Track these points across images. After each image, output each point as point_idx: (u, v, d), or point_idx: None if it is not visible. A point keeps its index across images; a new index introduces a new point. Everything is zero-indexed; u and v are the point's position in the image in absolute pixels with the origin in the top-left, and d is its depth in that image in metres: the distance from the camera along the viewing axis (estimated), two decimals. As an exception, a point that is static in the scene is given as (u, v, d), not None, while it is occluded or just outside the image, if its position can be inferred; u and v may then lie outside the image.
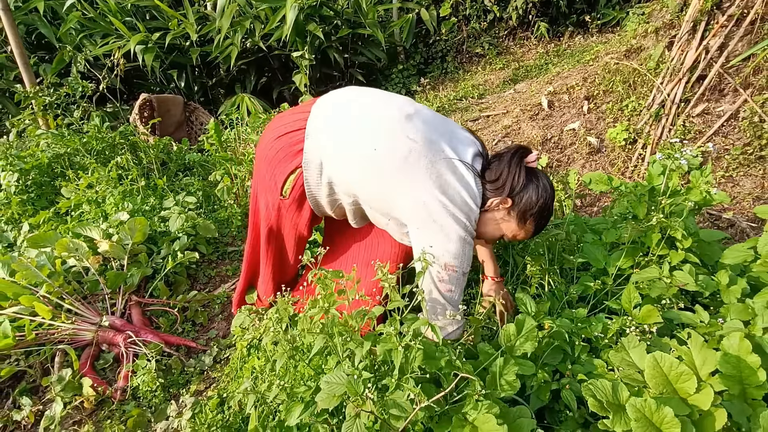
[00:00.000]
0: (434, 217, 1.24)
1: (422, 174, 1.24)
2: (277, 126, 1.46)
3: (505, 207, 1.35)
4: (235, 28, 4.18)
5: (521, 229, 1.39)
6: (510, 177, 1.32)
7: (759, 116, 3.06)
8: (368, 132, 1.30)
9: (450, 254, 1.25)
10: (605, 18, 5.29)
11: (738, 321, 1.25)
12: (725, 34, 3.30)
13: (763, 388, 1.09)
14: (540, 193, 1.33)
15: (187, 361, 1.84)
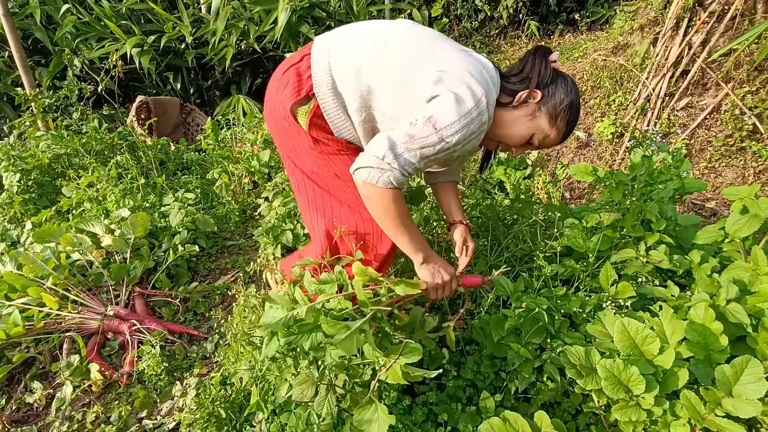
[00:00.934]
0: (448, 84, 1.13)
1: (440, 50, 1.19)
2: (281, 66, 1.39)
3: (535, 101, 1.25)
4: (230, 30, 4.26)
5: (552, 128, 1.26)
6: (536, 69, 1.24)
7: (740, 109, 3.17)
8: (378, 29, 1.27)
9: (445, 114, 1.10)
10: (594, 16, 5.39)
11: (705, 294, 1.34)
12: (707, 30, 3.41)
13: (725, 353, 1.18)
14: (569, 89, 1.25)
15: (189, 348, 1.92)
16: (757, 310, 1.29)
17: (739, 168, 3.11)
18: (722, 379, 0.99)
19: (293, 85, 1.30)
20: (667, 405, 1.05)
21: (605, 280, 1.48)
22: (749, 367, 0.98)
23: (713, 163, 3.18)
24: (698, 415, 1.02)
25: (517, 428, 1.04)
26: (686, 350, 1.19)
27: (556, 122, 1.26)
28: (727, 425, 0.98)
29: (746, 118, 3.12)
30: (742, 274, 1.40)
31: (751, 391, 0.96)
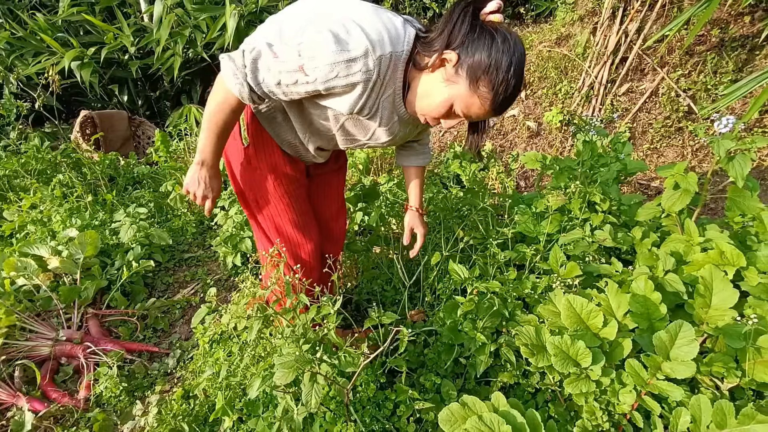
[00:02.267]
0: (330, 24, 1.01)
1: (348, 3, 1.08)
2: None
3: (451, 63, 1.05)
4: (176, 38, 4.16)
5: (473, 95, 1.05)
6: (449, 26, 1.04)
7: (675, 91, 3.34)
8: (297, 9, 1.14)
9: (316, 47, 0.99)
10: (538, 9, 5.55)
11: (645, 267, 1.41)
12: (641, 18, 3.58)
13: (665, 321, 1.25)
14: (496, 47, 1.00)
15: (150, 366, 1.87)
16: (693, 278, 1.38)
17: (678, 147, 3.28)
18: (660, 344, 1.05)
19: None
20: (614, 374, 1.11)
21: (555, 262, 1.54)
22: (682, 331, 1.05)
23: (655, 144, 3.34)
24: (642, 381, 1.07)
25: (476, 411, 1.07)
26: (631, 321, 1.26)
27: (477, 87, 1.04)
28: (668, 387, 1.04)
29: (681, 100, 3.30)
30: (678, 246, 1.49)
31: (685, 353, 1.02)
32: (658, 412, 1.07)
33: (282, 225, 1.44)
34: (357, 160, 2.69)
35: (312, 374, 1.16)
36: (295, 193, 1.41)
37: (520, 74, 1.03)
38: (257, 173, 1.34)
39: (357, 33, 0.99)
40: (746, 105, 3.06)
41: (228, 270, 2.39)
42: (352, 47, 0.99)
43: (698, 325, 1.27)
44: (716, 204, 2.84)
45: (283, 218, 1.42)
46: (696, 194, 1.55)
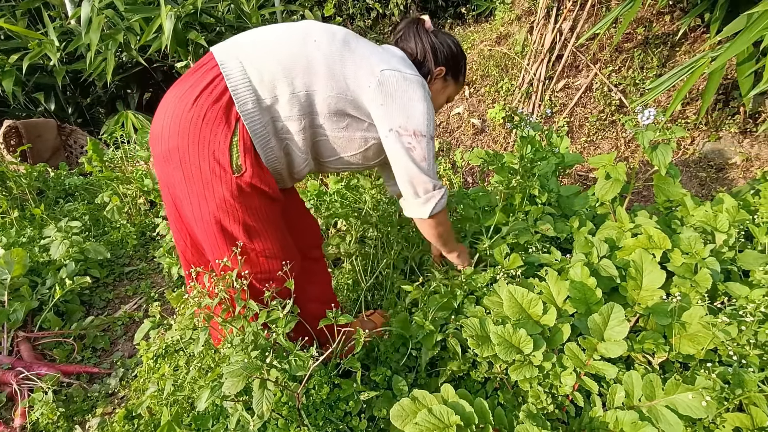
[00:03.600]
0: (395, 85, 1.18)
1: (367, 49, 1.21)
2: (184, 91, 1.11)
3: (441, 76, 1.40)
4: (107, 41, 3.95)
5: (458, 85, 1.48)
6: (428, 47, 1.35)
7: (607, 86, 3.52)
8: (297, 31, 1.17)
9: (418, 118, 1.21)
10: (479, 9, 5.70)
11: (581, 254, 1.48)
12: (573, 17, 3.76)
13: (600, 304, 1.32)
14: (454, 43, 1.40)
15: (90, 388, 1.76)
16: (625, 262, 1.46)
17: (612, 139, 3.46)
18: (594, 327, 1.11)
19: (216, 116, 1.08)
20: (555, 358, 1.16)
21: (499, 254, 1.58)
22: (614, 313, 1.11)
23: (591, 137, 3.51)
24: (581, 363, 1.13)
25: (426, 404, 1.08)
26: (570, 306, 1.31)
27: (459, 77, 1.45)
28: (603, 367, 1.09)
29: (613, 95, 3.49)
30: (611, 233, 1.57)
31: (617, 333, 1.08)
32: (596, 390, 1.12)
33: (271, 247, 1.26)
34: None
35: (261, 381, 1.13)
36: (277, 216, 1.27)
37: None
38: (247, 201, 1.16)
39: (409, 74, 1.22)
40: (670, 97, 3.28)
41: (173, 281, 2.30)
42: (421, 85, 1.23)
43: (631, 306, 1.35)
44: (648, 191, 3.02)
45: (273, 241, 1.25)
46: (626, 183, 1.64)
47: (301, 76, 1.12)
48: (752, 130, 2.71)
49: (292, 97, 1.12)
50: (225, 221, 1.15)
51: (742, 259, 1.38)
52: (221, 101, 1.09)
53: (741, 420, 1.07)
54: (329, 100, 1.15)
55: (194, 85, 1.10)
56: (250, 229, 1.19)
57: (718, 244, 1.44)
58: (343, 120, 1.20)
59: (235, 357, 1.14)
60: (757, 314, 1.16)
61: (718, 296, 1.34)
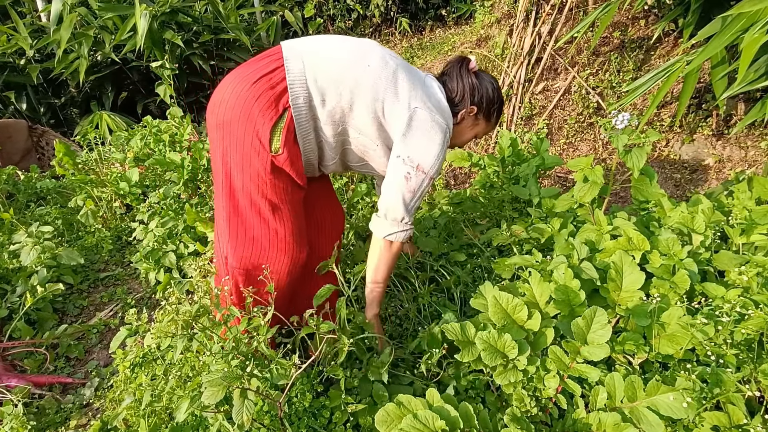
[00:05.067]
0: (422, 124, 1.30)
1: (410, 84, 1.31)
2: (247, 73, 1.27)
3: (472, 114, 1.49)
4: (80, 40, 3.84)
5: (489, 124, 1.55)
6: (468, 88, 1.45)
7: (585, 89, 3.58)
8: (357, 51, 1.31)
9: (427, 157, 1.31)
10: (459, 11, 5.74)
11: (563, 256, 1.49)
12: (551, 21, 3.81)
13: (584, 306, 1.33)
14: (492, 87, 1.49)
15: (64, 399, 1.70)
16: (605, 264, 1.47)
17: (591, 141, 3.52)
18: (577, 330, 1.12)
19: (269, 100, 1.23)
20: (539, 362, 1.16)
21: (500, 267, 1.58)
22: (597, 317, 1.12)
23: (570, 139, 3.56)
24: (564, 366, 1.13)
25: (411, 409, 1.07)
26: (554, 308, 1.32)
27: (491, 119, 1.54)
28: (586, 369, 1.10)
29: (591, 97, 3.54)
30: (591, 235, 1.59)
31: (600, 336, 1.09)
32: (579, 393, 1.13)
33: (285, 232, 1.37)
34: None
35: (242, 390, 1.11)
36: (299, 203, 1.42)
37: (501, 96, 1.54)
38: (276, 180, 1.30)
39: (438, 118, 1.32)
40: (647, 100, 3.35)
41: (151, 287, 2.24)
42: (442, 133, 1.33)
43: (612, 307, 1.36)
44: (625, 192, 3.08)
45: (286, 225, 1.37)
46: (604, 185, 1.67)
47: (348, 91, 1.27)
48: (725, 132, 2.78)
49: (335, 106, 1.28)
50: (254, 194, 1.30)
51: (717, 259, 1.41)
52: (276, 89, 1.24)
53: (719, 419, 1.09)
54: (364, 119, 1.31)
55: (257, 70, 1.26)
56: (275, 207, 1.33)
57: (695, 245, 1.47)
58: (372, 138, 1.35)
59: (215, 366, 1.11)
60: (733, 314, 1.18)
61: (695, 297, 1.37)
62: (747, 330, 1.15)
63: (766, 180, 1.49)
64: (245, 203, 1.31)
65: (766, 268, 1.26)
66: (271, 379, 1.10)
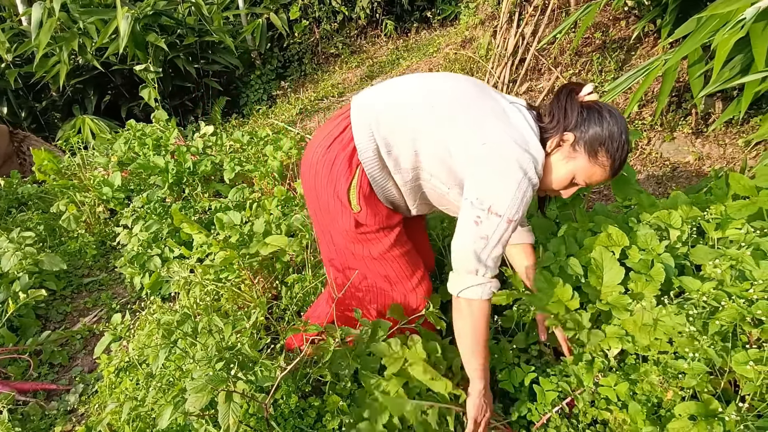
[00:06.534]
0: (492, 159, 1.13)
1: (479, 117, 1.17)
2: (323, 138, 1.30)
3: (568, 143, 1.19)
4: (60, 44, 3.80)
5: (594, 165, 1.19)
6: (562, 111, 1.20)
7: (568, 89, 3.63)
8: (421, 94, 1.22)
9: (501, 197, 1.11)
10: (444, 13, 5.78)
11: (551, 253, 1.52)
12: (534, 22, 3.85)
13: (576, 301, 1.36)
14: (606, 121, 1.16)
15: (48, 405, 1.69)
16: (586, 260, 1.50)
17: (574, 140, 3.57)
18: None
19: (342, 163, 1.25)
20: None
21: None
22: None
23: (554, 138, 3.61)
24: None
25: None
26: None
27: (597, 158, 1.18)
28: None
29: (574, 97, 3.60)
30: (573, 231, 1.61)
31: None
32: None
33: (399, 267, 1.40)
34: (270, 168, 2.62)
35: (227, 394, 1.11)
36: (402, 239, 1.39)
37: (629, 138, 1.19)
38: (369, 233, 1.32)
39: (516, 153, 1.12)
40: (628, 99, 3.40)
41: (136, 292, 2.23)
42: (522, 171, 1.11)
43: (594, 302, 1.39)
44: (609, 190, 3.13)
45: (400, 261, 1.39)
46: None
47: (409, 139, 1.20)
48: (703, 130, 2.84)
49: (400, 154, 1.22)
50: (351, 247, 1.34)
51: (694, 254, 1.44)
52: (348, 149, 1.24)
53: (695, 408, 1.12)
54: (431, 162, 1.21)
55: (330, 134, 1.28)
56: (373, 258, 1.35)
57: (672, 240, 1.50)
58: (443, 181, 1.24)
59: (198, 372, 1.11)
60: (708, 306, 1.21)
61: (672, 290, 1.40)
62: (721, 321, 1.18)
63: (740, 176, 1.53)
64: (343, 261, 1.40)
65: (739, 261, 1.29)
66: (256, 381, 1.10)
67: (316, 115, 4.45)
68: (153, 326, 1.12)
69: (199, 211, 2.61)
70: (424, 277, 1.44)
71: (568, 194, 1.28)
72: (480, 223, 1.12)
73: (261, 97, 5.31)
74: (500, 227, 1.13)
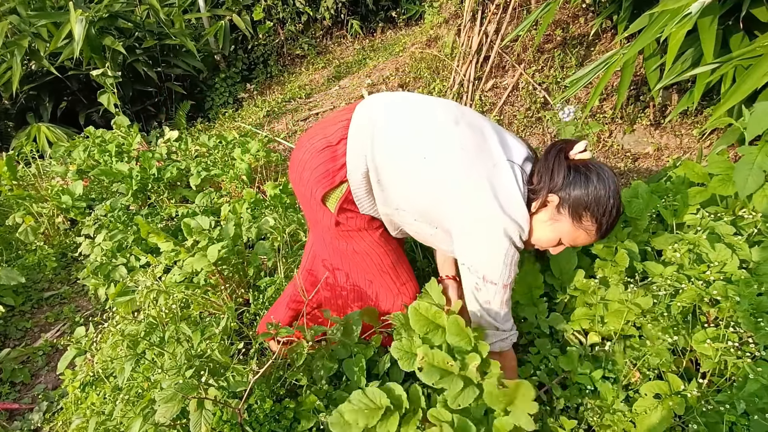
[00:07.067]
0: (478, 226, 1.13)
1: (472, 183, 1.14)
2: (318, 139, 1.29)
3: (553, 204, 1.17)
4: (12, 49, 3.63)
5: (578, 229, 1.17)
6: (547, 173, 1.17)
7: (532, 85, 3.71)
8: (417, 139, 1.19)
9: (491, 267, 1.14)
10: (409, 12, 5.82)
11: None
12: (497, 20, 3.92)
13: (540, 289, 1.39)
14: (592, 185, 1.13)
15: (10, 426, 1.61)
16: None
17: (540, 135, 3.65)
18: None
19: (327, 172, 1.26)
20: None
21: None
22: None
23: (520, 133, 3.68)
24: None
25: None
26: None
27: (581, 222, 1.15)
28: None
29: (538, 93, 3.67)
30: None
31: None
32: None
33: (382, 265, 1.40)
34: (238, 171, 2.58)
35: (199, 401, 1.08)
36: (386, 238, 1.40)
37: (619, 202, 1.15)
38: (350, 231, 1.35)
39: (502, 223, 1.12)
40: (589, 94, 3.50)
41: (101, 303, 2.15)
42: (508, 239, 1.12)
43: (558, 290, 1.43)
44: (574, 182, 3.21)
45: (383, 259, 1.40)
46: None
47: (407, 188, 1.21)
48: (661, 122, 2.95)
49: (393, 195, 1.24)
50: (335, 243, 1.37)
51: (655, 240, 1.50)
52: (337, 162, 1.25)
53: (660, 387, 1.16)
54: (419, 215, 1.24)
55: (325, 137, 1.28)
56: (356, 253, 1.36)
57: (634, 228, 1.56)
58: (429, 225, 1.26)
59: (167, 381, 1.08)
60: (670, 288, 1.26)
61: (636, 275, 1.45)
62: (682, 303, 1.23)
63: (694, 164, 1.60)
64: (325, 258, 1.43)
65: (696, 244, 1.35)
66: (228, 387, 1.08)
67: (284, 117, 4.41)
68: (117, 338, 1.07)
69: (166, 217, 2.54)
70: (410, 278, 1.45)
71: (556, 251, 1.27)
72: (479, 290, 1.18)
73: (227, 100, 5.21)
74: (498, 293, 1.17)
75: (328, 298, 1.50)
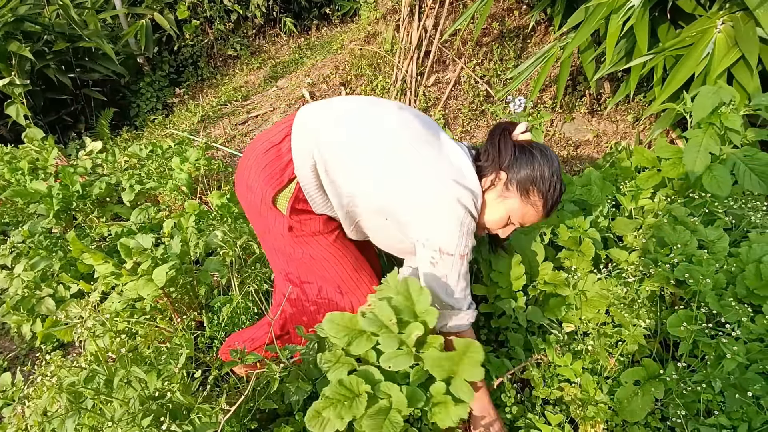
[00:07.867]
0: (429, 197, 1.15)
1: (422, 158, 1.17)
2: (262, 142, 1.30)
3: (502, 182, 1.22)
4: None
5: (526, 205, 1.22)
6: (495, 150, 1.23)
7: (473, 78, 3.75)
8: (362, 125, 1.22)
9: (446, 236, 1.14)
10: (343, 9, 5.71)
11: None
12: (435, 15, 3.92)
13: (522, 280, 1.36)
14: (537, 162, 1.20)
15: None
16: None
17: (485, 127, 3.70)
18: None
19: (274, 171, 1.25)
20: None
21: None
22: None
23: (466, 127, 3.71)
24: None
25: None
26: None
27: (529, 198, 1.21)
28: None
29: (480, 86, 3.72)
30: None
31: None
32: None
33: (343, 271, 1.36)
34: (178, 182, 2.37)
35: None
36: (343, 241, 1.37)
37: (561, 179, 1.22)
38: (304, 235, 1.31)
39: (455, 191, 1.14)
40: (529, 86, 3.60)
41: (27, 342, 1.90)
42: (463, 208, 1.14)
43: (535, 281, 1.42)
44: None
45: (343, 263, 1.35)
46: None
47: (355, 179, 1.20)
48: (597, 109, 3.08)
49: (344, 187, 1.22)
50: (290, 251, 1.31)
51: (615, 226, 1.53)
52: (283, 159, 1.25)
53: (638, 373, 1.17)
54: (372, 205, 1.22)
55: (269, 140, 1.28)
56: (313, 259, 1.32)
57: (595, 215, 1.58)
58: (382, 216, 1.24)
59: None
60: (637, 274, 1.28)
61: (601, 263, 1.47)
62: (651, 287, 1.25)
63: (643, 149, 1.65)
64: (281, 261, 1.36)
65: (657, 229, 1.38)
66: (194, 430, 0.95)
67: (221, 121, 4.17)
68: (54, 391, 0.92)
69: (97, 238, 2.30)
70: (373, 283, 1.39)
71: (505, 234, 1.30)
72: (436, 264, 1.16)
73: (155, 105, 4.86)
74: (455, 265, 1.17)
75: (293, 314, 1.40)
